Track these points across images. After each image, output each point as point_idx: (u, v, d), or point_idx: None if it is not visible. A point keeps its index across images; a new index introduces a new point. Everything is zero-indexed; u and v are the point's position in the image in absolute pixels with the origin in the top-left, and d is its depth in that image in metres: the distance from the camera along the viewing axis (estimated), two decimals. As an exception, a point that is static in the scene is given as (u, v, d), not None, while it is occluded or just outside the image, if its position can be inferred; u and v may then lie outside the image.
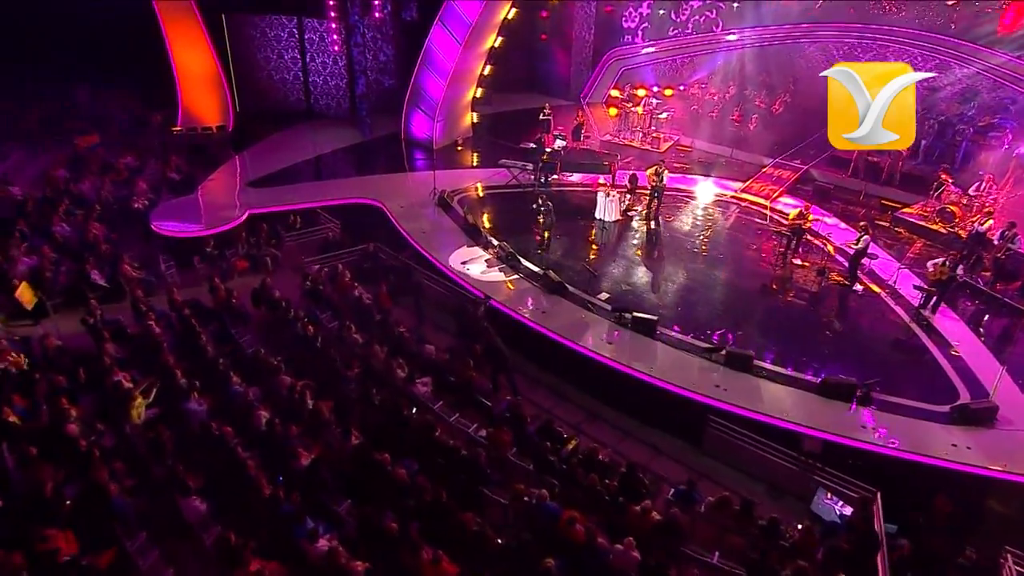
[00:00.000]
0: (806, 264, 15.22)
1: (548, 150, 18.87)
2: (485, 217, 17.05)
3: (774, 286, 14.55)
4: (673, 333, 12.53)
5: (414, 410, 10.66)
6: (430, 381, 11.50)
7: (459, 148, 21.89)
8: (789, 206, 18.31)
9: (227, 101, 22.21)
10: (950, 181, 16.50)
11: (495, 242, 15.26)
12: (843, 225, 16.72)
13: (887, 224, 17.22)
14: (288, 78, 24.04)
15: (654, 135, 21.23)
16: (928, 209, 16.93)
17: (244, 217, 16.42)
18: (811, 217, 15.17)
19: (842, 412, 10.50)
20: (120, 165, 18.96)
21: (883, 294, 14.04)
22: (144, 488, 8.98)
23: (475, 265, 14.55)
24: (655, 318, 12.49)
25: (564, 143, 19.40)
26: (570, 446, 9.98)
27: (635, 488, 9.21)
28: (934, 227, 16.37)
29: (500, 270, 14.49)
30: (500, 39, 19.75)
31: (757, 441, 10.17)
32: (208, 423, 9.70)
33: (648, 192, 17.11)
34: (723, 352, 11.71)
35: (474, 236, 15.69)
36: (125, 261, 14.46)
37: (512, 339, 12.58)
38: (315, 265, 14.81)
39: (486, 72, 20.89)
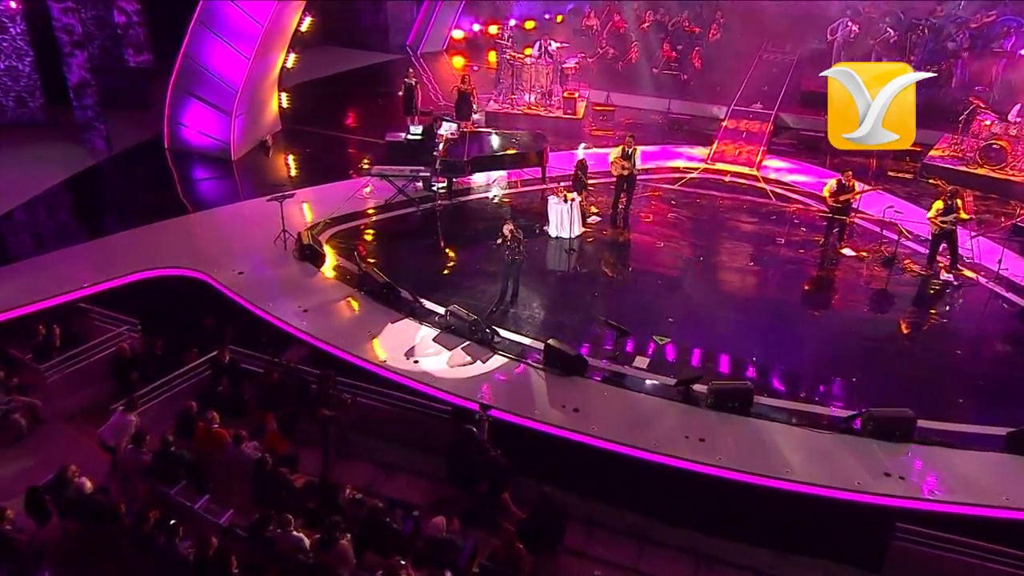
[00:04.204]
0: (863, 253, 15.27)
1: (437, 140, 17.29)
2: (377, 264, 14.97)
3: (839, 294, 14.68)
4: (777, 403, 11.77)
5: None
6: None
7: (270, 153, 19.80)
8: (782, 171, 18.64)
9: None
10: (983, 106, 17.54)
11: (436, 308, 13.65)
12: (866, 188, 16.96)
13: (912, 176, 18.01)
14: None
15: (567, 95, 20.31)
16: (964, 148, 17.92)
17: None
18: (858, 189, 15.20)
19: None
20: None
21: (980, 278, 14.43)
22: None
23: (426, 355, 12.68)
24: (749, 385, 11.56)
25: (455, 126, 17.84)
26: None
27: None
28: (979, 172, 17.35)
29: (465, 351, 12.67)
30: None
31: (969, 547, 9.52)
32: None
33: (615, 184, 16.50)
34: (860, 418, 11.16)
35: (391, 302, 13.86)
36: None
37: (528, 463, 10.91)
38: (129, 414, 11.45)
39: (303, 28, 18.61)
